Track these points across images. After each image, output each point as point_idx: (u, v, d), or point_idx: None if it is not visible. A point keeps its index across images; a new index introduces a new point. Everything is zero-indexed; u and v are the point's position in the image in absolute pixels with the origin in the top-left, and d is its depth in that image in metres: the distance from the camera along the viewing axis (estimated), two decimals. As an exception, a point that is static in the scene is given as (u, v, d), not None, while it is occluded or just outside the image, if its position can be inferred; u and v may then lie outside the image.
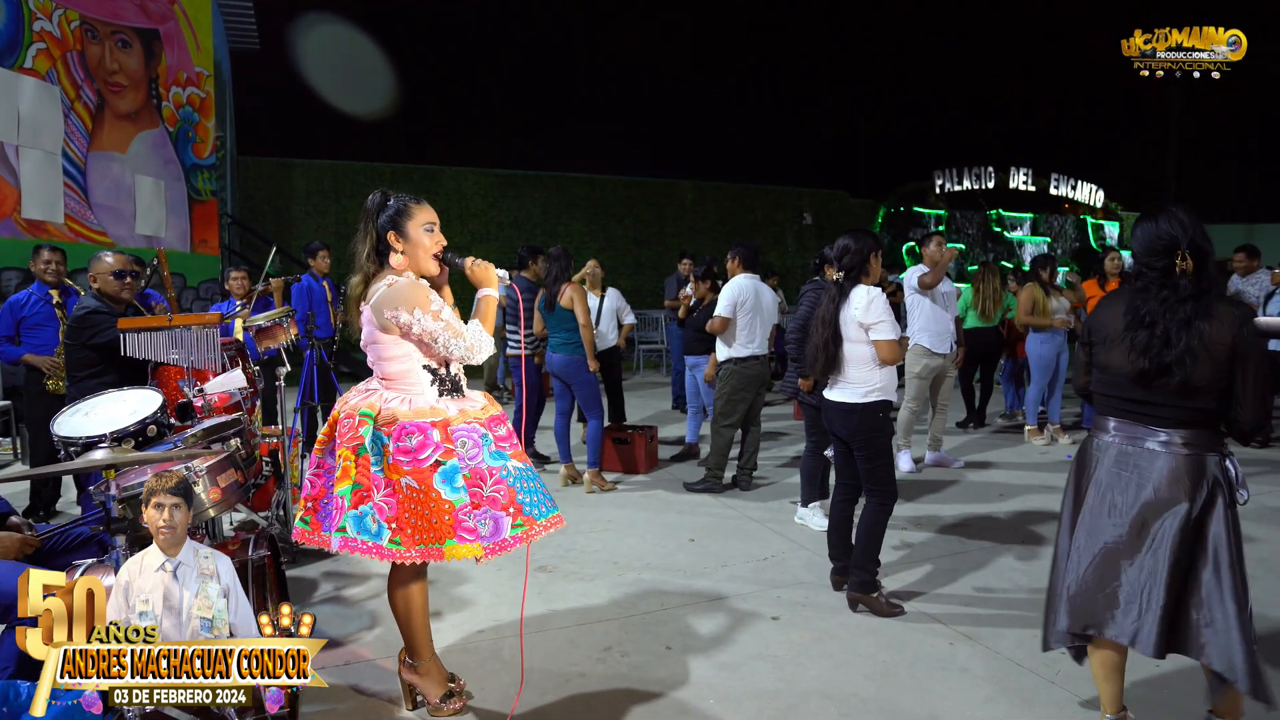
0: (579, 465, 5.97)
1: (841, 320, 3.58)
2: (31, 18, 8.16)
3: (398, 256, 2.57)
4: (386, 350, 2.56)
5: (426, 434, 2.47)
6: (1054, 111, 25.51)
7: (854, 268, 3.60)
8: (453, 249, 2.65)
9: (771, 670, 3.07)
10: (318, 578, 4.01)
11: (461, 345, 2.54)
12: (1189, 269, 2.27)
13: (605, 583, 3.98)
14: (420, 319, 2.48)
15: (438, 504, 2.43)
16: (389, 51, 20.26)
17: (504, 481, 2.50)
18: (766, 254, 17.56)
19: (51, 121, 8.39)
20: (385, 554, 2.43)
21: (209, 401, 3.52)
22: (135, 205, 9.52)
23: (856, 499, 3.77)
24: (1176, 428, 2.28)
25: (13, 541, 2.58)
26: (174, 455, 2.53)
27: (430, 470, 2.44)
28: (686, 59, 25.72)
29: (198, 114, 10.65)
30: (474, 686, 2.93)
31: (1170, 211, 2.34)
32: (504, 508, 2.48)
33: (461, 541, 2.43)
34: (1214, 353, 2.20)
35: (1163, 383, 2.24)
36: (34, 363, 5.05)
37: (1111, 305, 2.42)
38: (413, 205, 2.59)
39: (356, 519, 2.44)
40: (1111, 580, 2.34)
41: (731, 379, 5.50)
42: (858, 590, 3.56)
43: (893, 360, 3.55)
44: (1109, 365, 2.37)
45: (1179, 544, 2.24)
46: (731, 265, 5.66)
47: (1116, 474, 2.36)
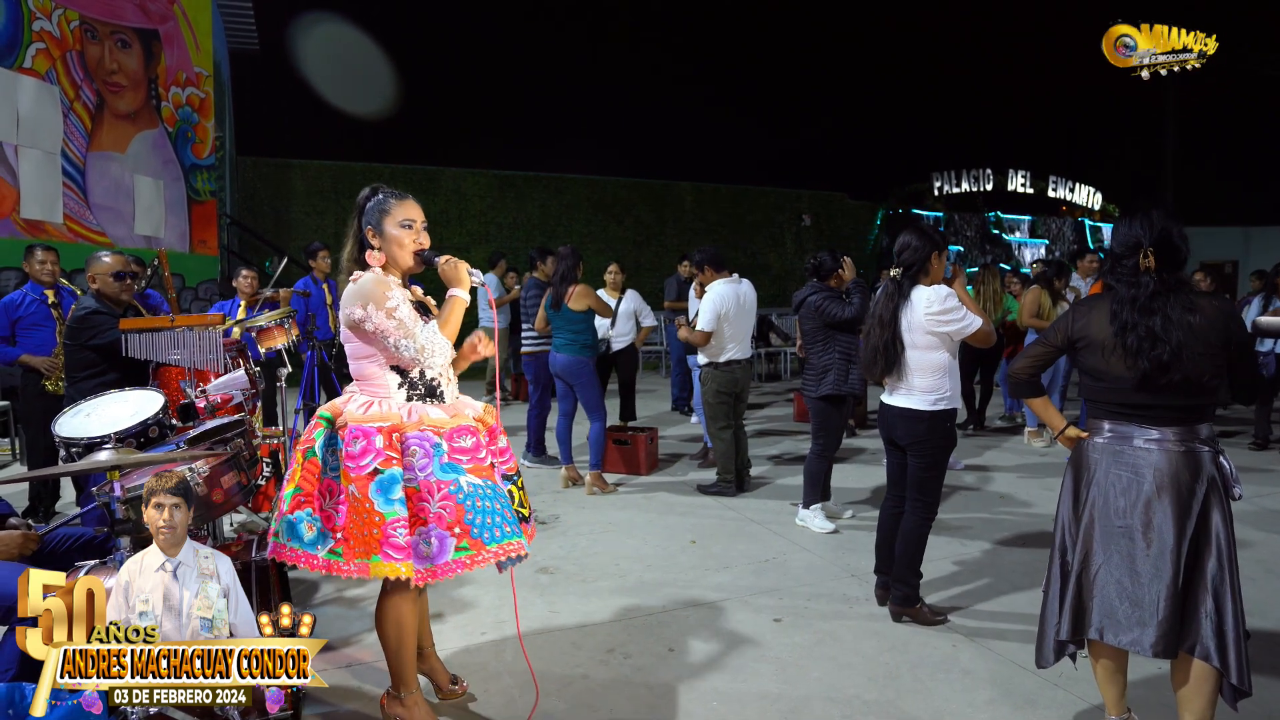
0: (580, 468, 5.96)
1: (903, 324, 3.40)
2: (31, 17, 8.15)
3: (375, 254, 2.52)
4: (352, 349, 2.49)
5: (370, 439, 2.35)
6: (1052, 114, 25.55)
7: (913, 265, 3.41)
8: (432, 249, 2.59)
9: (774, 672, 3.07)
10: (319, 579, 4.00)
11: (411, 346, 2.40)
12: (1151, 266, 2.32)
13: (607, 585, 3.98)
14: (373, 315, 2.38)
15: (369, 515, 2.30)
16: (388, 52, 20.25)
17: (452, 498, 2.35)
18: (765, 255, 17.60)
19: (51, 121, 8.38)
20: (317, 564, 2.31)
21: (212, 402, 3.51)
22: (134, 205, 9.51)
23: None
24: (1171, 425, 2.31)
25: (14, 540, 2.57)
26: (178, 456, 2.52)
27: (368, 478, 2.31)
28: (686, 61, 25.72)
29: (197, 114, 10.64)
30: (477, 689, 2.93)
31: (1143, 212, 2.39)
32: (449, 527, 2.33)
33: (386, 559, 2.27)
34: (1204, 342, 2.24)
35: (1166, 380, 2.26)
36: (31, 363, 5.03)
37: (1094, 311, 2.43)
38: (393, 201, 2.53)
39: (289, 525, 2.33)
40: (1123, 584, 2.34)
41: (711, 382, 5.49)
42: (901, 604, 3.50)
43: (988, 342, 3.47)
44: (1107, 372, 2.38)
45: (1183, 542, 2.26)
46: (703, 274, 5.52)
47: (1116, 476, 2.37)
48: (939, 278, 3.46)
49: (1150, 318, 2.27)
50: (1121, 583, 2.34)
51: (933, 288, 3.39)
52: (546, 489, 5.77)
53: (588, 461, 5.75)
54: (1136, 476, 2.33)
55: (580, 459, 6.00)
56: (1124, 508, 2.34)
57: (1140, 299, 2.30)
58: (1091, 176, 20.09)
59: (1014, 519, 5.00)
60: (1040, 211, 19.59)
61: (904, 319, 3.40)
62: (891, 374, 3.43)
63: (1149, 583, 2.29)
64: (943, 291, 3.36)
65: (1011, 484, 5.82)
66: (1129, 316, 2.31)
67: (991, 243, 18.81)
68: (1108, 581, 2.36)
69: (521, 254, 14.68)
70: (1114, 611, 2.34)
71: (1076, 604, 2.41)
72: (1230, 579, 2.24)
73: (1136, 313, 2.30)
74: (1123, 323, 2.32)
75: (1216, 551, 2.25)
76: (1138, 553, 2.32)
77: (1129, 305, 2.32)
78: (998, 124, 25.04)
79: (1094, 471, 2.42)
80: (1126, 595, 2.32)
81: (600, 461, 5.70)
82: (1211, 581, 2.24)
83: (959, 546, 4.48)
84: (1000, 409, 8.51)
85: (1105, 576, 2.36)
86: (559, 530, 4.83)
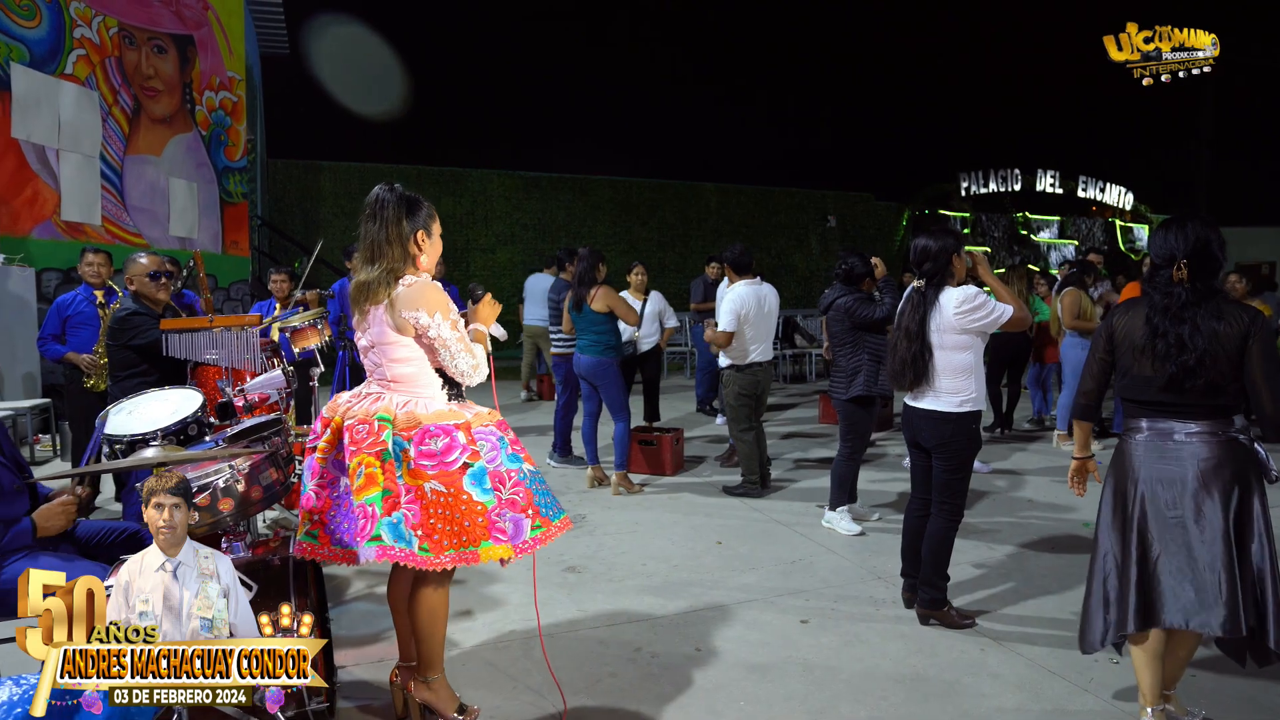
0: (606, 468, 6.00)
1: (931, 329, 3.38)
2: (72, 25, 8.35)
3: (423, 258, 2.56)
4: (397, 351, 2.51)
5: (452, 436, 2.44)
6: (1082, 113, 25.25)
7: (936, 273, 3.40)
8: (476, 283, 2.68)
9: (801, 673, 3.08)
10: (351, 575, 4.07)
11: (468, 362, 2.52)
12: (1185, 278, 2.48)
13: (634, 584, 4.01)
14: (440, 324, 2.47)
15: (469, 506, 2.40)
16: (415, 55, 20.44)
17: (522, 484, 2.51)
18: (790, 256, 17.56)
19: (90, 126, 8.58)
20: (418, 561, 2.38)
21: (250, 401, 3.58)
22: (169, 207, 9.71)
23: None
24: (1205, 419, 2.46)
25: (55, 511, 2.58)
26: (219, 454, 2.58)
27: (459, 472, 2.42)
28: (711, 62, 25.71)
29: (230, 118, 10.83)
30: (507, 685, 2.97)
31: (1181, 222, 2.54)
32: (523, 510, 2.49)
33: (496, 542, 2.42)
34: (1228, 350, 2.39)
35: (1191, 385, 2.42)
36: (74, 360, 5.19)
37: (1131, 314, 2.60)
38: (431, 208, 2.62)
39: (391, 526, 2.39)
40: (1184, 570, 2.45)
41: (733, 385, 5.50)
42: (928, 607, 3.49)
43: (1023, 325, 3.45)
44: (1140, 372, 2.54)
45: (1229, 525, 2.40)
46: (727, 273, 5.57)
47: (1160, 469, 2.50)
48: (963, 275, 3.46)
49: (1180, 326, 2.44)
50: (1183, 570, 2.45)
51: (960, 288, 3.38)
52: (573, 489, 5.81)
53: (613, 462, 5.78)
54: (1180, 468, 2.46)
55: (606, 460, 6.04)
56: (1173, 499, 2.47)
57: (1173, 308, 2.47)
58: (1123, 177, 19.81)
59: (1042, 523, 4.97)
60: (1070, 212, 19.34)
61: (932, 323, 3.39)
62: (921, 383, 3.44)
63: (1206, 567, 2.41)
64: (971, 290, 3.37)
65: (1040, 488, 5.77)
66: (1161, 323, 2.48)
67: (1019, 243, 18.61)
68: (1169, 569, 2.47)
69: (546, 255, 14.76)
70: (1180, 597, 2.44)
71: (1142, 595, 2.49)
72: (1272, 557, 2.40)
73: (1169, 321, 2.46)
74: (1154, 329, 2.49)
75: (1259, 533, 2.40)
76: (1193, 540, 2.44)
77: (1162, 313, 2.49)
78: (1026, 124, 24.77)
79: (1138, 469, 2.54)
80: (1189, 581, 2.44)
81: (626, 462, 5.73)
82: (1255, 561, 2.40)
83: (986, 550, 4.46)
84: (1028, 412, 8.44)
85: (1166, 564, 2.47)
86: (586, 530, 4.87)
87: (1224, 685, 2.95)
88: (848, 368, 4.77)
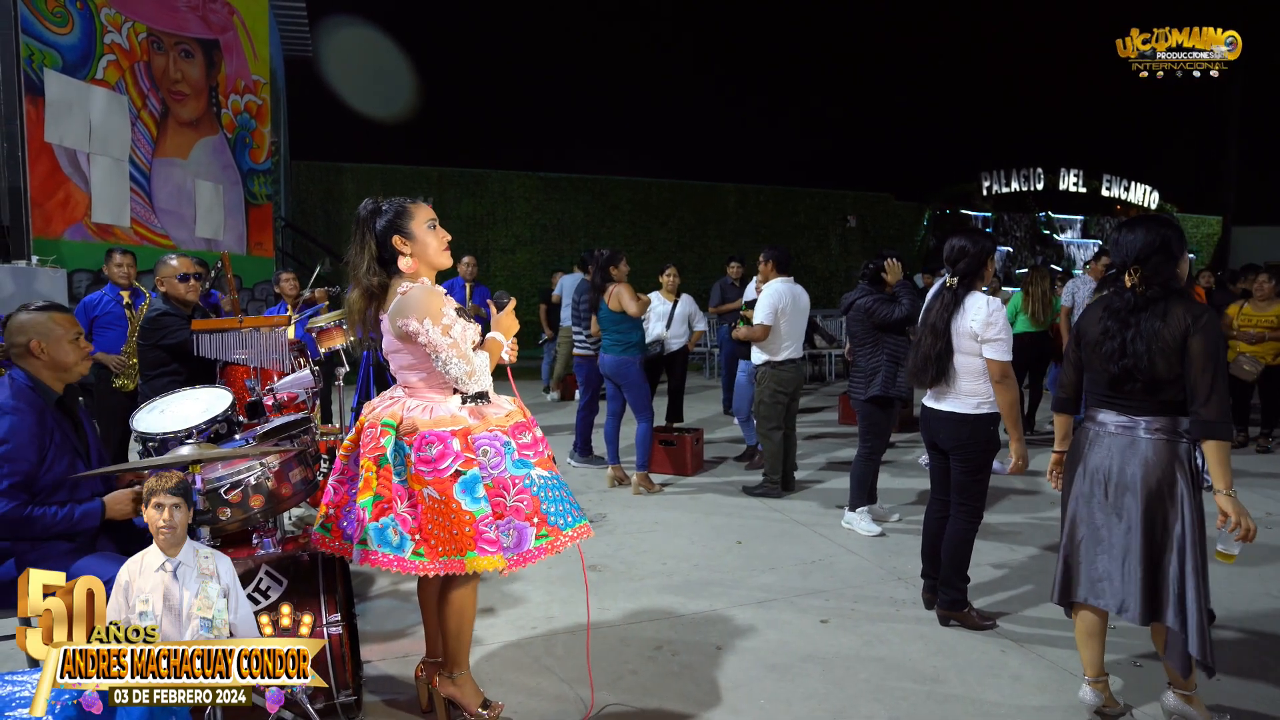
0: (627, 468, 6.03)
1: (954, 330, 3.39)
2: (103, 31, 8.50)
3: (406, 260, 2.52)
4: (402, 359, 2.54)
5: (446, 443, 2.43)
6: (1106, 111, 24.95)
7: (970, 273, 3.40)
8: (502, 291, 2.64)
9: (821, 673, 3.10)
10: (376, 572, 4.12)
11: (462, 367, 2.46)
12: (1136, 282, 2.56)
13: (654, 583, 4.04)
14: (429, 330, 2.42)
15: (458, 515, 2.39)
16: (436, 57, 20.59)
17: (527, 491, 2.47)
18: (810, 257, 17.50)
19: (120, 130, 8.74)
20: (407, 566, 2.40)
21: (279, 400, 3.65)
22: (196, 209, 9.86)
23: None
24: (1153, 415, 2.56)
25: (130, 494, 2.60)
26: (251, 452, 2.64)
27: (450, 480, 2.41)
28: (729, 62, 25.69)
29: (254, 120, 10.98)
30: (529, 681, 3.01)
31: (1133, 226, 2.63)
32: (528, 518, 2.45)
33: (483, 553, 2.39)
34: (1166, 350, 2.47)
35: (1130, 387, 2.56)
36: (103, 360, 5.28)
37: (1090, 313, 2.74)
38: (410, 205, 2.53)
39: (378, 531, 2.41)
40: (1099, 554, 2.64)
41: (768, 382, 5.51)
42: (948, 608, 3.50)
43: (998, 376, 3.34)
44: (1092, 368, 2.70)
45: (1154, 522, 2.53)
46: (765, 269, 5.59)
47: (1101, 457, 2.64)
48: (989, 280, 3.49)
49: (1126, 330, 2.55)
50: (1103, 553, 2.63)
51: (987, 298, 3.38)
52: (593, 488, 5.85)
53: (634, 462, 5.82)
54: (1119, 460, 2.60)
55: (627, 459, 6.08)
56: (1108, 488, 2.62)
57: (1121, 311, 2.58)
58: (1148, 175, 19.56)
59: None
60: (1094, 211, 19.14)
61: (955, 324, 3.39)
62: (941, 382, 3.44)
63: (1125, 556, 2.57)
64: (995, 304, 3.35)
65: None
66: (1110, 325, 2.60)
67: (1042, 243, 18.44)
68: (1087, 551, 2.66)
69: (566, 255, 14.82)
70: (1098, 578, 2.64)
71: (1065, 571, 2.71)
72: (1194, 557, 2.48)
73: (1116, 323, 2.58)
74: (1105, 329, 2.61)
75: (1182, 532, 2.50)
76: (1115, 529, 2.60)
77: (1113, 315, 2.61)
78: (1049, 122, 24.53)
79: (1086, 455, 2.70)
80: (1106, 566, 2.62)
81: (647, 462, 5.76)
82: (1178, 557, 2.49)
83: (1007, 551, 4.45)
84: (1049, 413, 8.37)
85: (1088, 547, 2.66)
86: (606, 529, 4.90)
87: (1247, 690, 2.94)
88: (866, 368, 4.77)
